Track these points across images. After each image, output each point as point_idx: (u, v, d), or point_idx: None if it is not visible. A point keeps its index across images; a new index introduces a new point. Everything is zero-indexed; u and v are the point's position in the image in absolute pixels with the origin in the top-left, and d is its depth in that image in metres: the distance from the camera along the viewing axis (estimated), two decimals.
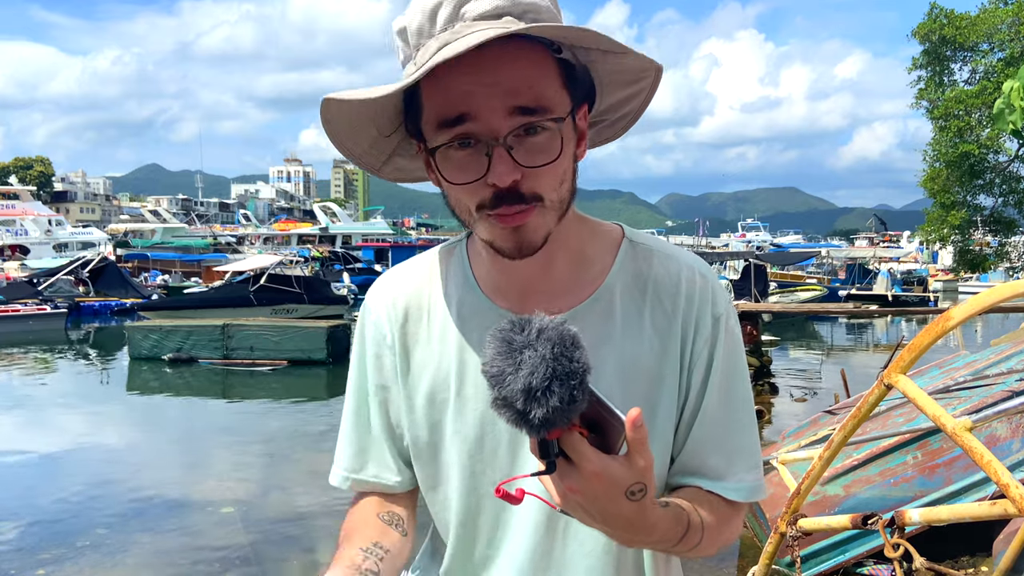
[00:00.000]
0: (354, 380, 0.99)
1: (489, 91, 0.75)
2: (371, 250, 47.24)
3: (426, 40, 0.78)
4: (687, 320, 0.89)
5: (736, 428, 0.91)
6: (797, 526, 1.96)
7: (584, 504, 0.68)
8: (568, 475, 0.67)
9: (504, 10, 0.76)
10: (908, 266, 43.29)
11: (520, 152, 0.76)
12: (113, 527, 5.94)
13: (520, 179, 0.77)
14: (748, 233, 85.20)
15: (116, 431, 9.90)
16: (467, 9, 0.76)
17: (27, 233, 47.59)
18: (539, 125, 0.76)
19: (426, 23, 0.78)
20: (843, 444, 1.76)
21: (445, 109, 0.77)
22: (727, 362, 0.90)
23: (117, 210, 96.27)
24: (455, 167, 0.79)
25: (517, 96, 0.75)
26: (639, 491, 0.69)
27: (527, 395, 0.61)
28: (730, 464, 0.90)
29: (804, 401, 10.81)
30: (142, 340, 14.91)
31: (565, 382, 0.61)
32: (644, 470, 0.68)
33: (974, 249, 19.44)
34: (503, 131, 0.76)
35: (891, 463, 4.01)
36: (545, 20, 0.78)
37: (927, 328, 1.40)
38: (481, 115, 0.75)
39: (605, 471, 0.66)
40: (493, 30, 0.72)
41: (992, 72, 17.18)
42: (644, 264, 0.92)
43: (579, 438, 0.66)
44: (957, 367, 5.16)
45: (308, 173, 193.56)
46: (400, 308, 0.95)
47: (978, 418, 1.64)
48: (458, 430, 0.91)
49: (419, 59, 0.78)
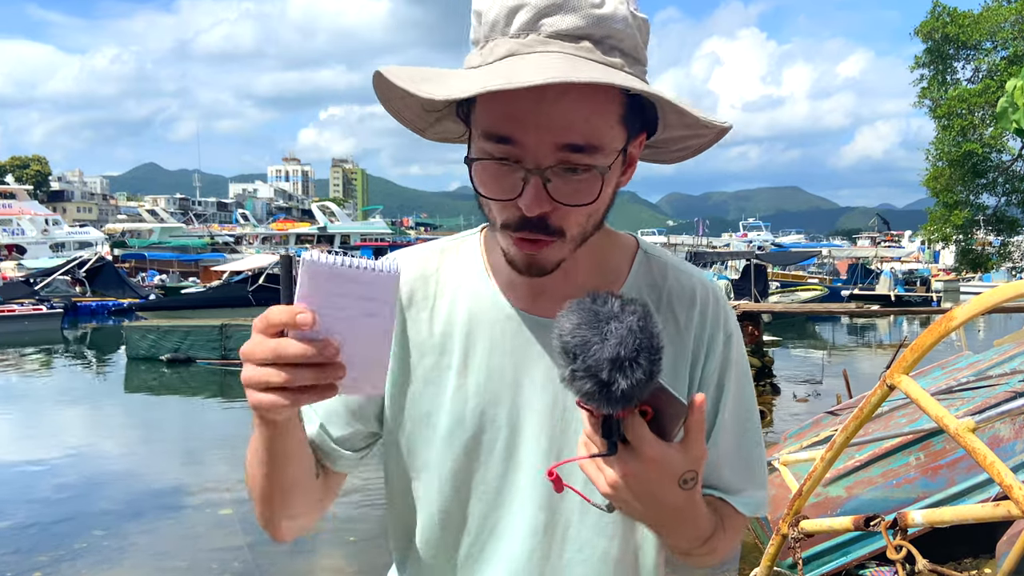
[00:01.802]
0: None
1: (542, 122, 0.72)
2: (370, 250, 47.13)
3: (497, 36, 0.75)
4: (699, 335, 0.90)
5: (747, 446, 0.93)
6: (799, 528, 1.97)
7: (637, 490, 0.68)
8: (626, 459, 0.66)
9: (584, 32, 0.72)
10: (910, 266, 43.29)
11: (557, 186, 0.75)
12: (110, 529, 5.98)
13: (550, 211, 0.76)
14: (750, 233, 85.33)
15: (113, 432, 9.90)
16: (547, 22, 0.72)
17: (24, 233, 47.52)
18: (583, 166, 0.74)
19: (501, 19, 0.74)
20: (845, 445, 1.76)
21: (494, 124, 0.74)
22: (739, 381, 0.92)
23: (114, 209, 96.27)
24: (490, 179, 0.77)
25: (569, 133, 0.73)
26: (691, 479, 0.69)
27: (614, 365, 0.61)
28: (742, 480, 0.92)
29: (806, 401, 10.81)
30: (139, 340, 14.91)
31: (650, 355, 0.62)
32: (698, 459, 0.69)
33: (976, 249, 19.42)
34: (545, 164, 0.74)
35: (893, 464, 4.01)
36: (626, 48, 0.75)
37: (930, 328, 1.40)
38: (528, 145, 0.73)
39: (664, 456, 0.66)
40: (558, 70, 0.68)
41: (995, 70, 17.16)
42: (659, 276, 0.92)
43: (640, 421, 0.66)
44: (960, 368, 5.17)
45: (306, 172, 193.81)
46: (404, 291, 0.91)
47: (981, 419, 1.62)
48: (458, 423, 0.88)
49: (485, 53, 0.76)
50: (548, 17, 0.72)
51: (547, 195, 0.74)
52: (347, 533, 5.63)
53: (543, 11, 0.72)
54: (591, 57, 0.72)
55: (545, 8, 0.72)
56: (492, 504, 0.89)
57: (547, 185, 0.74)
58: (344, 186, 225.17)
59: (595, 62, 0.72)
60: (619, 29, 0.74)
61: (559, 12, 0.72)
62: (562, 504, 0.88)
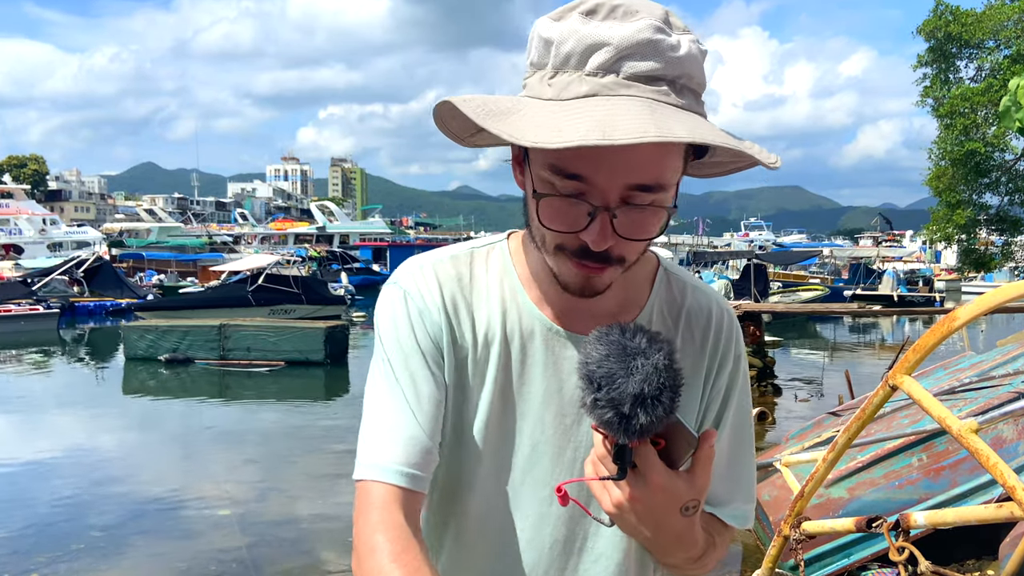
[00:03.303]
0: (397, 344, 0.88)
1: (617, 165, 0.73)
2: (369, 250, 47.24)
3: (571, 72, 0.75)
4: (713, 354, 0.93)
5: (741, 461, 0.96)
6: (801, 529, 1.98)
7: (640, 514, 0.71)
8: (634, 484, 0.70)
9: (660, 73, 0.73)
10: (912, 266, 43.28)
11: (622, 222, 0.76)
12: (108, 530, 6.00)
13: (613, 245, 0.77)
14: (751, 232, 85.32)
15: (111, 433, 9.92)
16: (628, 65, 0.72)
17: (21, 232, 47.49)
18: (647, 203, 0.76)
19: (576, 54, 0.74)
20: (847, 446, 1.77)
21: (564, 161, 0.75)
22: (741, 400, 0.95)
23: (112, 209, 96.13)
24: (553, 211, 0.78)
25: (640, 174, 0.74)
26: (693, 508, 0.73)
27: (636, 400, 0.63)
28: (732, 494, 0.95)
29: (807, 402, 10.83)
30: (138, 340, 14.91)
31: (673, 393, 0.65)
32: (703, 488, 0.72)
33: (979, 248, 19.39)
34: (614, 202, 0.75)
35: (896, 465, 4.01)
36: (694, 86, 0.76)
37: (932, 329, 1.41)
38: (598, 183, 0.74)
39: (670, 485, 0.70)
40: (651, 125, 0.68)
41: (998, 69, 17.12)
42: (679, 294, 0.94)
43: (651, 450, 0.69)
44: (963, 368, 5.23)
45: (306, 172, 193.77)
46: (447, 294, 0.90)
47: (984, 420, 1.63)
48: (488, 433, 0.89)
49: (558, 87, 0.75)
50: (630, 60, 0.72)
51: (612, 230, 0.76)
52: (347, 534, 5.58)
53: (625, 54, 0.72)
54: (668, 100, 0.73)
55: (627, 50, 0.72)
56: (511, 514, 0.90)
57: (613, 221, 0.76)
58: (343, 185, 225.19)
59: (672, 106, 0.73)
60: (690, 69, 0.75)
61: (640, 56, 0.73)
62: (582, 518, 0.90)
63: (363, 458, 0.85)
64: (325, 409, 11.09)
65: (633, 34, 0.72)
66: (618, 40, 0.72)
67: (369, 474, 0.83)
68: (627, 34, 0.72)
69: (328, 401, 11.95)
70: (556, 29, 0.76)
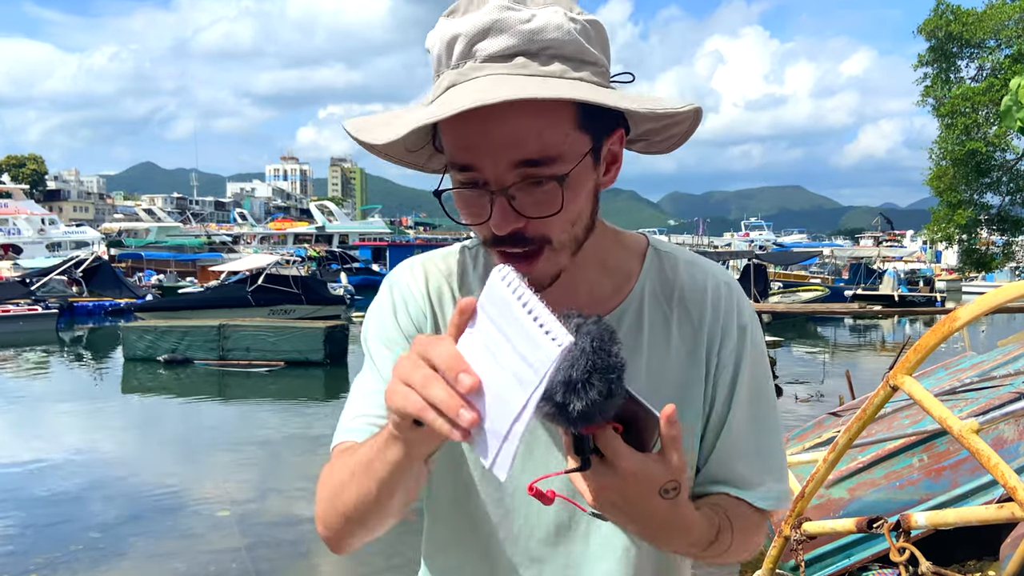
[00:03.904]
0: (377, 328, 0.93)
1: (493, 145, 0.73)
2: (368, 249, 47.20)
3: (444, 70, 0.77)
4: (713, 329, 0.91)
5: (764, 438, 0.92)
6: (801, 530, 1.97)
7: (619, 502, 0.69)
8: (603, 473, 0.68)
9: (517, 49, 0.73)
10: (912, 266, 43.30)
11: (524, 202, 0.76)
12: (107, 531, 5.99)
13: (524, 226, 0.77)
14: (752, 232, 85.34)
15: (110, 433, 9.91)
16: (479, 47, 0.74)
17: (20, 232, 47.44)
18: (545, 177, 0.75)
19: (444, 53, 0.77)
20: (848, 446, 1.76)
21: (454, 154, 0.77)
22: (754, 373, 0.92)
23: (111, 209, 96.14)
24: (463, 206, 0.80)
25: (521, 148, 0.73)
26: (673, 489, 0.70)
27: (567, 387, 0.61)
28: (758, 473, 0.91)
29: (808, 402, 10.83)
30: (136, 341, 14.91)
31: (604, 375, 0.62)
32: (678, 468, 0.69)
33: (980, 248, 19.39)
34: (506, 183, 0.75)
35: (897, 466, 4.00)
36: (567, 53, 0.75)
37: (933, 329, 1.39)
38: (484, 168, 0.75)
39: (640, 469, 0.67)
40: (486, 92, 0.69)
41: (999, 69, 17.12)
42: (671, 272, 0.93)
43: (614, 435, 0.67)
44: (964, 368, 5.23)
45: (305, 171, 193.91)
46: (433, 287, 0.93)
47: (985, 420, 1.67)
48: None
49: (435, 88, 0.78)
50: (480, 42, 0.74)
51: (514, 212, 0.76)
52: None
53: (474, 37, 0.74)
54: (524, 72, 0.73)
55: (475, 34, 0.74)
56: (514, 503, 0.91)
57: (512, 202, 0.75)
58: (343, 185, 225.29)
59: (528, 76, 0.73)
60: (555, 38, 0.74)
61: (489, 36, 0.74)
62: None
63: (337, 429, 0.88)
64: (324, 410, 11.06)
65: (479, 18, 0.74)
66: (467, 28, 0.74)
67: (339, 437, 0.87)
68: (474, 20, 0.74)
69: (328, 402, 11.93)
70: (429, 38, 0.79)
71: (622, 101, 0.75)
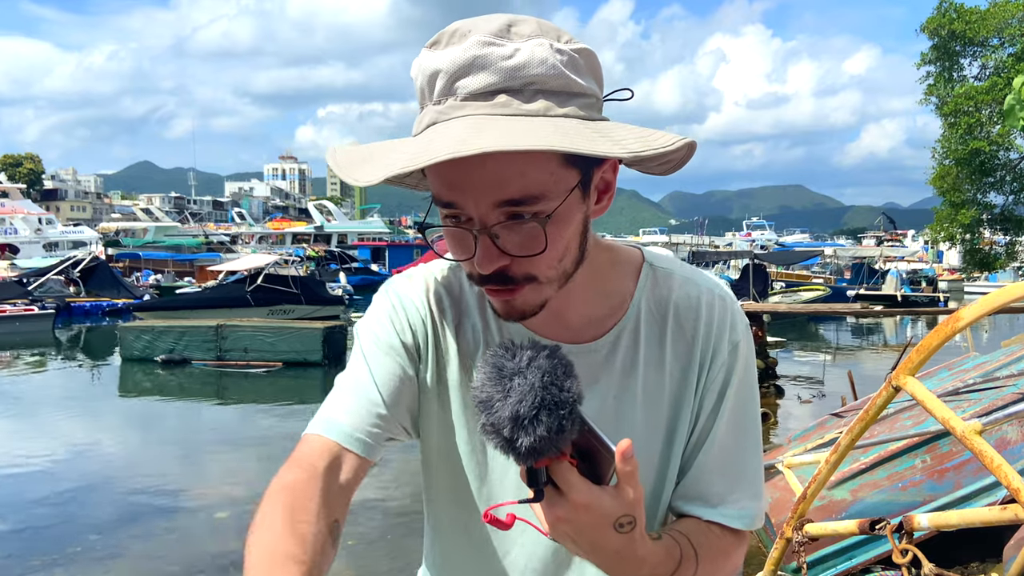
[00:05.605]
0: (371, 329, 0.91)
1: (476, 186, 0.73)
2: (367, 249, 47.12)
3: (427, 103, 0.75)
4: (706, 346, 0.90)
5: (742, 455, 0.91)
6: (803, 531, 1.96)
7: (572, 534, 0.69)
8: (556, 504, 0.68)
9: (499, 87, 0.71)
10: (914, 265, 43.32)
11: (508, 241, 0.75)
12: (104, 533, 6.00)
13: (508, 264, 0.76)
14: (753, 232, 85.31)
15: (107, 434, 9.90)
16: (460, 84, 0.72)
17: (16, 232, 47.37)
18: (526, 215, 0.74)
19: (426, 86, 0.75)
20: (850, 447, 1.76)
21: (438, 193, 0.76)
22: (741, 389, 0.91)
23: (108, 208, 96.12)
24: (449, 241, 0.80)
25: (503, 189, 0.72)
26: (628, 523, 0.70)
27: (514, 423, 0.61)
28: (732, 490, 0.90)
29: (810, 403, 10.84)
30: (134, 341, 14.89)
31: (554, 411, 0.61)
32: (633, 503, 0.69)
33: (983, 248, 19.37)
34: (489, 222, 0.74)
35: (899, 467, 3.99)
36: (553, 88, 0.73)
37: (936, 329, 1.39)
38: (467, 207, 0.74)
39: (593, 502, 0.67)
40: (464, 142, 0.67)
41: (1002, 67, 17.12)
42: (665, 288, 0.92)
43: (568, 467, 0.66)
44: (967, 369, 5.23)
45: (304, 171, 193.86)
46: (434, 301, 0.92)
47: (988, 421, 1.63)
48: (471, 439, 0.92)
49: (418, 122, 0.76)
50: (461, 79, 0.72)
51: (498, 250, 0.75)
52: (345, 536, 5.47)
53: (455, 74, 0.72)
54: (506, 112, 0.71)
55: (456, 71, 0.72)
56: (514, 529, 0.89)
57: (496, 241, 0.75)
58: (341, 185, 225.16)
59: (509, 116, 0.71)
60: (539, 74, 0.72)
61: (470, 73, 0.72)
62: None
63: (315, 417, 0.87)
64: None
65: (460, 54, 0.72)
66: (447, 64, 0.72)
67: (315, 428, 0.84)
68: (455, 56, 0.72)
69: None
70: (414, 68, 0.77)
71: (603, 144, 0.71)
